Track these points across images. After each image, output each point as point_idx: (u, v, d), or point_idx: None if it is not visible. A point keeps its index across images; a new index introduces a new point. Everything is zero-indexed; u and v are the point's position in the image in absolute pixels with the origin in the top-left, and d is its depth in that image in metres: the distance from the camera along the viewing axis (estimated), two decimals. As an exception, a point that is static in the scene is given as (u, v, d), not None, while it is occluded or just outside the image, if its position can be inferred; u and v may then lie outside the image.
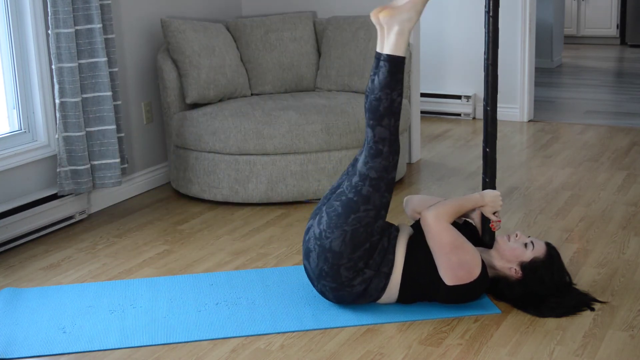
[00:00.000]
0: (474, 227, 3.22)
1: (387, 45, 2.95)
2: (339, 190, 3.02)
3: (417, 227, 3.13)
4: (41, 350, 2.84)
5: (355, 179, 2.96)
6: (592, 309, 3.01)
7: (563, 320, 2.94)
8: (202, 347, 2.85)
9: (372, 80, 2.95)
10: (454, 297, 3.00)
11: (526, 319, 2.96)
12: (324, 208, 3.01)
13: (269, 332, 2.93)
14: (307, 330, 2.94)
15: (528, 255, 2.99)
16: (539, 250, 3.00)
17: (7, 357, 2.81)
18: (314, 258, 2.98)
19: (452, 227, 2.97)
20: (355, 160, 3.05)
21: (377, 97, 2.93)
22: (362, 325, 2.95)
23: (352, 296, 3.01)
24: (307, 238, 3.02)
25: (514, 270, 2.99)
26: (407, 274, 2.99)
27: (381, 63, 2.94)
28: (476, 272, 2.93)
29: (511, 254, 3.01)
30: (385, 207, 2.96)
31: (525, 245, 3.01)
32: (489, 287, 3.09)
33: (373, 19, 2.99)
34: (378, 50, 2.98)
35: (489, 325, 2.93)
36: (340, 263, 2.92)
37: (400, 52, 2.94)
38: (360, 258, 2.92)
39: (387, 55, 2.93)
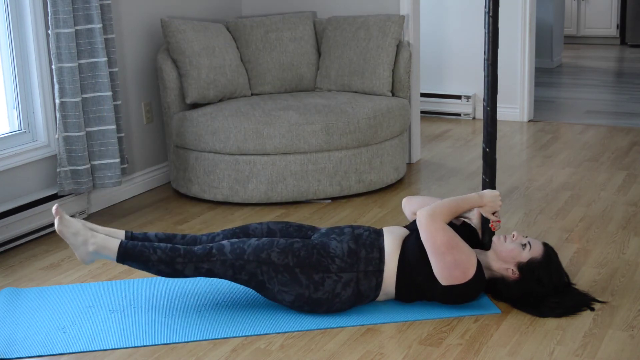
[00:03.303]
0: (473, 229, 3.21)
1: (110, 257, 3.02)
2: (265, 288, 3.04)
3: (413, 227, 3.13)
4: (41, 350, 2.84)
5: (235, 282, 3.03)
6: (592, 309, 3.01)
7: (563, 320, 2.94)
8: (202, 347, 2.85)
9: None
10: (451, 297, 2.99)
11: (526, 319, 2.96)
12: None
13: (269, 332, 2.93)
14: (307, 330, 2.94)
15: (525, 255, 2.99)
16: (537, 251, 3.00)
17: (7, 357, 2.81)
18: (297, 310, 3.05)
19: (447, 226, 2.97)
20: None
21: (157, 273, 3.03)
22: (362, 325, 2.95)
23: (347, 303, 3.01)
24: None
25: (511, 271, 2.99)
26: (402, 272, 2.99)
27: (127, 265, 3.04)
28: (471, 272, 2.93)
29: (508, 254, 3.00)
30: (257, 254, 2.96)
31: (523, 245, 3.01)
32: (488, 287, 3.09)
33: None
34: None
35: (489, 325, 2.93)
36: (306, 296, 2.96)
37: (116, 249, 2.99)
38: (308, 277, 2.95)
39: (117, 261, 3.01)
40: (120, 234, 3.13)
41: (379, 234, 3.08)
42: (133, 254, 2.98)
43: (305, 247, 2.98)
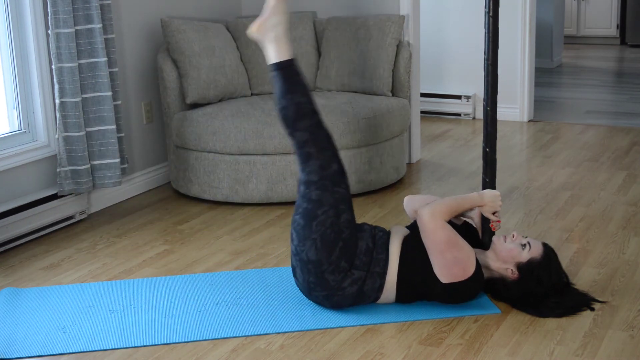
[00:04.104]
0: (474, 229, 3.22)
1: (271, 55, 3.09)
2: (296, 205, 3.06)
3: (414, 226, 3.14)
4: (41, 350, 2.84)
5: (302, 188, 3.02)
6: (592, 309, 3.02)
7: (563, 320, 2.94)
8: (202, 347, 2.85)
9: (275, 93, 3.06)
10: (450, 295, 3.00)
11: (526, 319, 2.96)
12: (292, 227, 3.06)
13: (269, 332, 2.93)
14: (307, 330, 2.94)
15: (524, 256, 2.99)
16: (536, 251, 3.00)
17: (7, 357, 2.81)
18: (299, 273, 3.02)
19: (447, 225, 2.97)
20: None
21: (282, 107, 3.03)
22: (362, 325, 2.95)
23: (347, 299, 3.01)
24: (291, 257, 3.08)
25: (510, 271, 3.00)
26: (402, 272, 2.99)
27: (273, 74, 3.07)
28: (470, 270, 2.93)
29: (507, 254, 3.00)
30: (342, 201, 2.99)
31: (522, 245, 3.01)
32: (487, 287, 3.09)
33: (251, 37, 3.14)
34: (267, 63, 3.09)
35: (489, 325, 2.93)
36: (322, 269, 2.94)
37: (284, 57, 3.06)
38: (339, 258, 2.94)
39: (274, 64, 3.07)
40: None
41: (388, 235, 3.08)
42: (292, 74, 3.02)
43: (356, 236, 2.99)
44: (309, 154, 3.00)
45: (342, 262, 2.94)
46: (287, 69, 3.03)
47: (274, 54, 3.08)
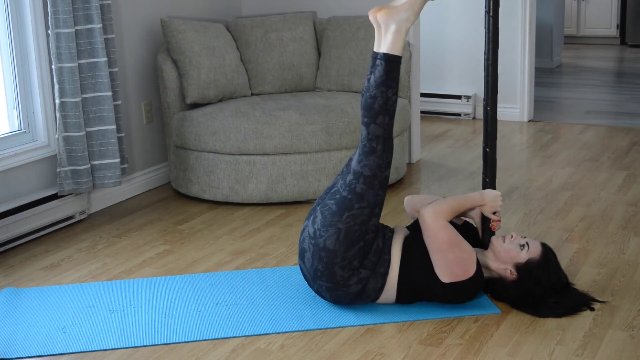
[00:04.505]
0: (474, 229, 3.22)
1: (384, 44, 2.98)
2: (333, 190, 3.03)
3: (414, 227, 3.14)
4: (41, 350, 2.84)
5: (350, 177, 2.98)
6: (592, 309, 3.01)
7: (563, 320, 2.94)
8: (202, 347, 2.85)
9: (369, 79, 2.98)
10: (451, 295, 2.99)
11: (526, 319, 2.96)
12: (318, 208, 3.02)
13: (269, 332, 2.93)
14: (307, 330, 2.94)
15: (523, 256, 2.99)
16: (535, 251, 3.00)
17: (7, 357, 2.81)
18: (308, 258, 2.99)
19: (449, 224, 2.97)
20: (350, 159, 3.06)
21: (372, 95, 2.95)
22: (362, 325, 2.95)
23: (349, 296, 3.01)
24: (302, 238, 3.04)
25: (509, 271, 3.00)
26: (403, 273, 2.99)
27: (378, 62, 2.97)
28: (471, 270, 2.93)
29: (506, 255, 3.00)
30: (379, 204, 2.97)
31: (521, 246, 3.01)
32: (487, 287, 3.09)
33: (371, 17, 3.02)
34: (375, 49, 3.00)
35: (489, 325, 2.93)
36: (334, 262, 2.93)
37: (397, 52, 2.97)
38: (354, 256, 2.93)
39: (384, 54, 2.96)
40: None
41: (393, 235, 3.08)
42: (395, 70, 2.96)
43: (375, 242, 2.99)
44: (374, 149, 2.96)
45: (355, 261, 2.94)
46: (394, 64, 2.97)
47: (389, 44, 2.97)
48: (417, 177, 4.90)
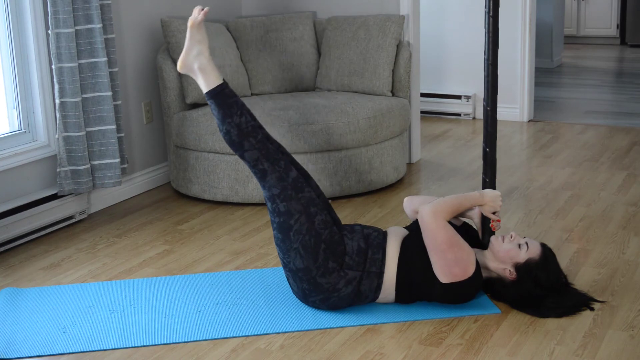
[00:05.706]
0: (474, 230, 3.22)
1: (202, 85, 3.12)
2: (270, 221, 3.09)
3: (413, 227, 3.14)
4: (41, 350, 2.84)
5: (269, 204, 3.05)
6: (592, 309, 3.02)
7: (563, 320, 2.94)
8: (202, 347, 2.85)
9: (216, 119, 3.11)
10: (450, 295, 3.00)
11: (526, 319, 2.96)
12: (274, 242, 3.09)
13: (269, 332, 2.93)
14: (307, 330, 2.94)
15: (522, 256, 2.99)
16: (534, 251, 3.00)
17: (7, 357, 2.81)
18: (292, 283, 3.07)
19: (448, 225, 2.97)
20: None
21: (226, 131, 3.07)
22: (362, 325, 2.95)
23: (344, 300, 3.01)
24: (283, 268, 3.12)
25: (508, 271, 3.00)
26: (401, 273, 2.99)
27: (209, 102, 3.11)
28: (470, 270, 2.93)
29: (505, 255, 3.00)
30: (310, 204, 3.00)
31: (520, 246, 3.01)
32: (486, 287, 3.09)
33: (181, 72, 3.19)
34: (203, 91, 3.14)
35: (489, 325, 2.93)
36: (312, 275, 2.97)
37: (213, 84, 3.09)
38: (326, 259, 2.95)
39: (206, 93, 3.10)
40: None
41: (384, 235, 3.08)
42: (225, 98, 3.04)
43: (339, 234, 3.01)
44: (264, 170, 3.03)
45: (329, 263, 2.95)
46: (219, 95, 3.07)
47: (203, 83, 3.11)
48: (417, 177, 4.91)
